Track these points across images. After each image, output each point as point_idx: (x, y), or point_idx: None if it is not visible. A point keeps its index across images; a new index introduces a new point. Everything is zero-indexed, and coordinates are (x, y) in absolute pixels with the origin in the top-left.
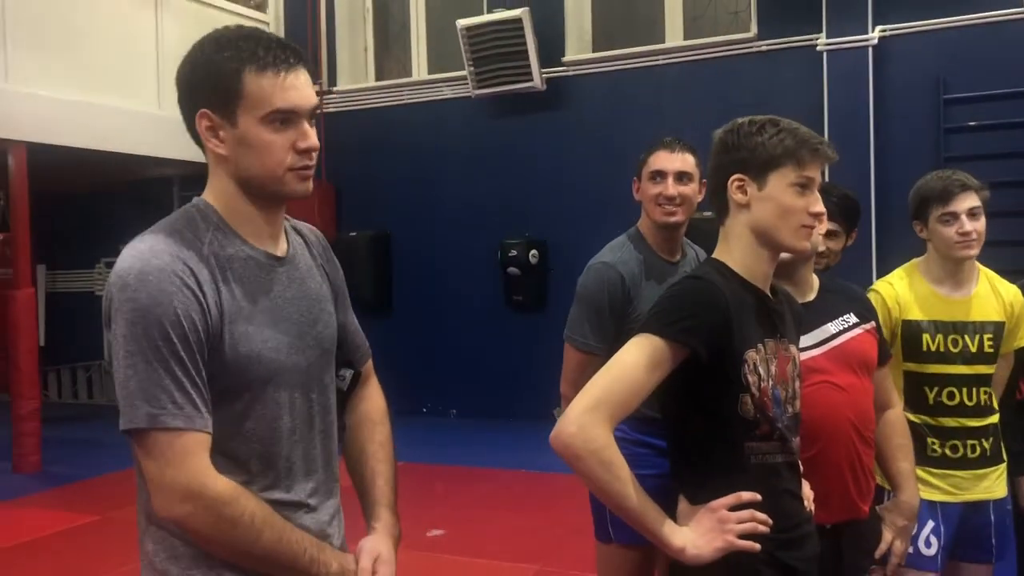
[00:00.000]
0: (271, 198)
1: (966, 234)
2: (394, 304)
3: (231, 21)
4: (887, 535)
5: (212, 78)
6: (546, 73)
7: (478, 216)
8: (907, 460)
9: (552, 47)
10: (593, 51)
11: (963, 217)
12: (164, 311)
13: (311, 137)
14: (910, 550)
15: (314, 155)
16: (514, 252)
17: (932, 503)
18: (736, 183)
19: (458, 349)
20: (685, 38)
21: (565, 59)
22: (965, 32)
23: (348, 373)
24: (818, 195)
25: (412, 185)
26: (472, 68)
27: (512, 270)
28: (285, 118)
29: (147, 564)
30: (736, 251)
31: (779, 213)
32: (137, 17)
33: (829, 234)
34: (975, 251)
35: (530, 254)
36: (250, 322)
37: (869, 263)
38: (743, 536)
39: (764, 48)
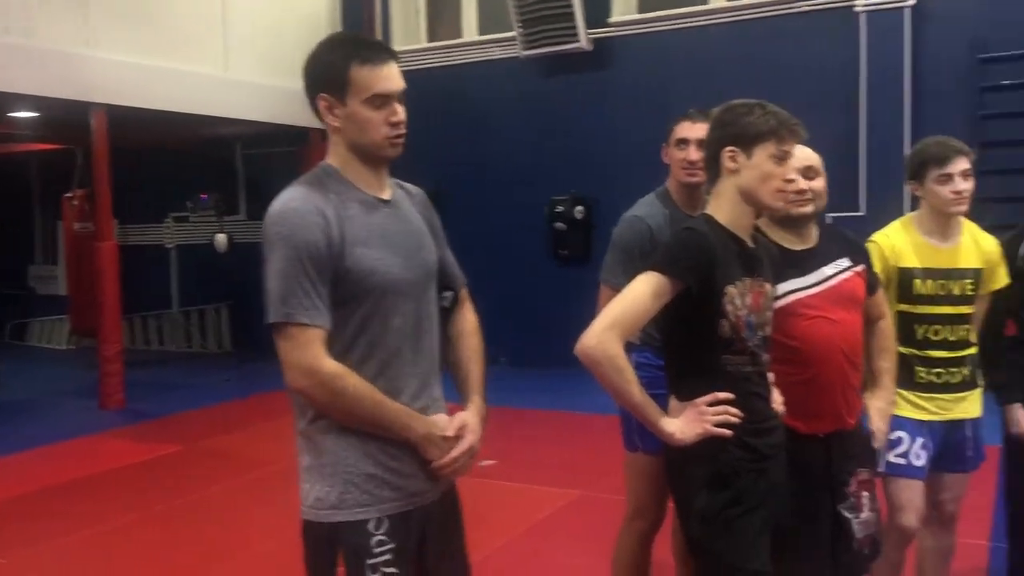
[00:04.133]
0: (373, 159)
1: (959, 193)
2: None
3: None
4: (873, 417)
5: (327, 71)
6: (592, 34)
7: (527, 173)
8: (888, 361)
9: (599, 8)
10: (639, 12)
11: (957, 178)
12: (300, 239)
13: (400, 114)
14: (902, 461)
15: (403, 127)
16: (561, 208)
17: (920, 422)
18: (728, 153)
19: (508, 300)
20: None
21: (611, 20)
22: None
23: (449, 295)
24: (792, 166)
25: (464, 143)
26: (521, 29)
27: (559, 225)
28: (382, 100)
29: (307, 449)
30: (725, 207)
31: (761, 178)
32: None
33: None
34: (966, 207)
35: (576, 210)
36: (367, 245)
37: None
38: (718, 424)
39: (804, 8)
